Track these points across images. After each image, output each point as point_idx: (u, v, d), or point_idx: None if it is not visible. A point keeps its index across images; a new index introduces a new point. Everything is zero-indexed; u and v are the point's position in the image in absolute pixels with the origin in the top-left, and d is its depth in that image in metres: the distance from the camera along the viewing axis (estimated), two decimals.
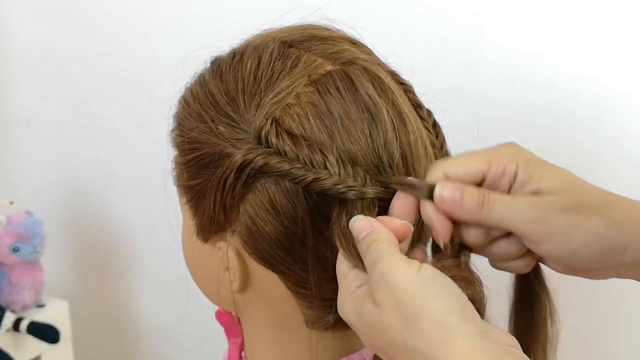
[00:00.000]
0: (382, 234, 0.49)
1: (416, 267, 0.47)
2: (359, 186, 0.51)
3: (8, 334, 1.30)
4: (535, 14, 0.92)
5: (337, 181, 0.50)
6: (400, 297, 0.45)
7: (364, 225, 0.50)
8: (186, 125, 0.57)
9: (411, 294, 0.45)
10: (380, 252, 0.48)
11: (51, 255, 1.43)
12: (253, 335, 0.62)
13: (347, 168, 0.51)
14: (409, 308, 0.45)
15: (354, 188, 0.51)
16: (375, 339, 0.48)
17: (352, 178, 0.51)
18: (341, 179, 0.51)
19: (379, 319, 0.46)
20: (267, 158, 0.51)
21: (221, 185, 0.53)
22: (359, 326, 0.49)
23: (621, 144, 0.89)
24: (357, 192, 0.51)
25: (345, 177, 0.51)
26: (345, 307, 0.50)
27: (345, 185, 0.51)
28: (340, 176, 0.51)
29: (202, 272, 0.62)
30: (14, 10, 1.50)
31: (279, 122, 0.52)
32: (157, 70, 0.95)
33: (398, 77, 0.58)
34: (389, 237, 0.49)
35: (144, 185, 1.39)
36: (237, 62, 0.56)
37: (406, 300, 0.45)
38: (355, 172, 0.51)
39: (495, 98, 0.96)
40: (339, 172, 0.51)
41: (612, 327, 0.95)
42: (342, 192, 0.51)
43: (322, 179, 0.50)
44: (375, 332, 0.47)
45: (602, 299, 0.95)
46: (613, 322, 0.95)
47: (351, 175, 0.51)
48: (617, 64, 0.88)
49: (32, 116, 1.56)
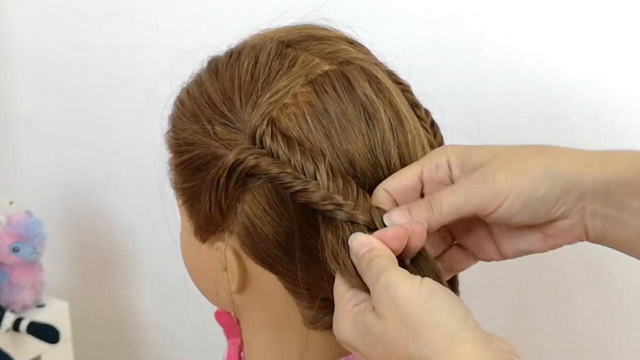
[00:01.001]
0: (383, 251, 0.49)
1: (418, 280, 0.47)
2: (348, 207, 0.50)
3: (8, 334, 1.30)
4: (535, 14, 0.91)
5: (325, 196, 0.50)
6: (404, 308, 0.46)
7: (365, 242, 0.50)
8: (179, 126, 0.57)
9: (415, 306, 0.46)
10: (383, 266, 0.48)
11: (51, 255, 1.43)
12: (252, 336, 0.62)
13: (337, 182, 0.51)
14: (414, 318, 0.45)
15: (342, 208, 0.50)
16: (375, 351, 0.48)
17: (342, 194, 0.50)
18: (329, 194, 0.50)
19: (382, 331, 0.46)
20: (259, 159, 0.51)
21: (214, 185, 0.53)
22: (357, 342, 0.49)
23: (621, 144, 0.89)
24: (345, 213, 0.50)
25: (334, 192, 0.50)
26: (342, 324, 0.50)
27: (331, 201, 0.50)
28: (329, 190, 0.50)
29: (200, 272, 0.62)
30: (15, 10, 1.51)
31: (275, 123, 0.52)
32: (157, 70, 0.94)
33: (395, 76, 0.58)
34: (390, 254, 0.49)
35: (143, 185, 1.39)
36: (234, 61, 0.56)
37: (411, 311, 0.45)
38: (345, 188, 0.51)
39: (494, 98, 0.96)
40: (328, 186, 0.50)
41: (612, 327, 0.95)
42: (329, 209, 0.50)
43: (309, 190, 0.50)
44: (375, 345, 0.47)
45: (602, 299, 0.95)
46: (613, 322, 0.95)
47: (340, 190, 0.51)
48: (617, 64, 0.88)
49: (32, 116, 1.56)
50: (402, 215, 0.51)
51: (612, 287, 0.94)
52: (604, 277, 0.94)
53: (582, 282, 0.95)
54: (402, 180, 0.52)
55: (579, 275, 0.95)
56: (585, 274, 0.94)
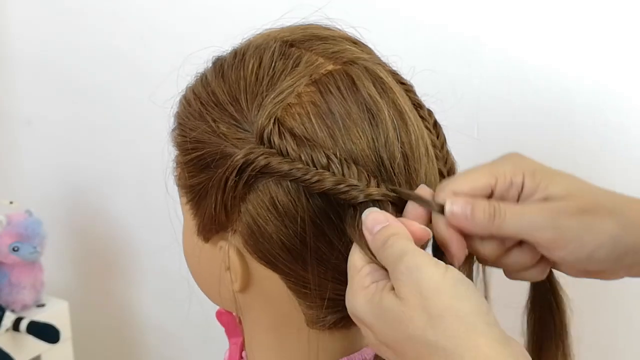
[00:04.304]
0: (400, 229, 0.49)
1: (443, 266, 0.47)
2: (362, 186, 0.51)
3: (8, 333, 1.30)
4: (535, 15, 0.92)
5: (339, 180, 0.50)
6: (427, 293, 0.45)
7: (379, 219, 0.49)
8: (187, 125, 0.57)
9: (440, 291, 0.45)
10: (405, 246, 0.47)
11: (51, 255, 1.43)
12: (254, 335, 0.62)
13: (350, 168, 0.51)
14: (436, 304, 0.45)
15: (357, 187, 0.50)
16: (388, 332, 0.47)
17: (356, 178, 0.51)
18: (343, 178, 0.50)
19: (400, 312, 0.46)
20: (269, 158, 0.51)
21: (222, 185, 0.53)
22: (370, 319, 0.48)
23: (621, 144, 0.89)
24: (360, 191, 0.50)
25: (348, 176, 0.51)
26: (356, 300, 0.49)
27: (346, 184, 0.50)
28: (344, 175, 0.50)
29: (203, 272, 0.62)
30: (15, 10, 1.51)
31: (281, 122, 0.52)
32: (158, 70, 0.95)
33: (399, 76, 0.58)
34: (407, 233, 0.49)
35: (144, 185, 1.39)
36: (239, 61, 0.56)
37: (434, 296, 0.45)
38: (359, 172, 0.51)
39: (496, 98, 0.96)
40: (343, 172, 0.51)
41: (612, 327, 0.95)
42: (344, 190, 0.50)
43: (324, 179, 0.50)
44: (390, 325, 0.47)
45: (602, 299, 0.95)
46: (613, 322, 0.95)
47: (355, 175, 0.51)
48: (617, 64, 0.88)
49: (32, 116, 1.56)
50: (463, 209, 0.50)
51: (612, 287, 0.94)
52: None
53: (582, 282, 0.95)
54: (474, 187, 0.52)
55: None
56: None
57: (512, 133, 0.95)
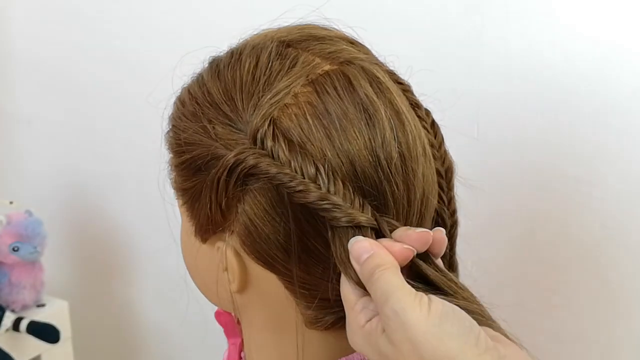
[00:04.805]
0: (385, 259, 0.49)
1: (426, 303, 0.47)
2: (346, 206, 0.50)
3: (8, 333, 1.30)
4: (534, 13, 0.91)
5: (322, 196, 0.50)
6: (416, 338, 0.46)
7: (365, 247, 0.49)
8: (179, 127, 0.57)
9: (426, 335, 0.45)
10: (389, 284, 0.47)
11: (51, 255, 1.43)
12: (252, 336, 0.62)
13: (337, 184, 0.51)
14: (426, 349, 0.45)
15: (340, 208, 0.50)
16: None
17: (341, 196, 0.50)
18: (326, 195, 0.50)
19: (396, 357, 0.47)
20: (259, 159, 0.51)
21: (215, 185, 0.53)
22: (372, 357, 0.49)
23: (621, 144, 0.89)
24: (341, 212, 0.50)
25: (333, 193, 0.50)
26: (357, 340, 0.50)
27: (329, 202, 0.50)
28: (329, 192, 0.50)
29: (201, 272, 0.62)
30: (15, 10, 1.51)
31: (277, 123, 0.52)
32: (157, 70, 0.95)
33: (396, 76, 0.58)
34: (393, 262, 0.49)
35: (144, 185, 1.39)
36: (235, 61, 0.56)
37: (422, 341, 0.45)
38: (345, 189, 0.51)
39: (495, 97, 0.96)
40: (328, 188, 0.50)
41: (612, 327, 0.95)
42: (326, 208, 0.50)
43: (308, 191, 0.50)
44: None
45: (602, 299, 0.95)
46: (613, 322, 0.95)
47: (340, 192, 0.50)
48: (618, 63, 0.88)
49: (32, 116, 1.56)
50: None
51: (612, 287, 0.94)
52: (603, 277, 0.94)
53: (582, 282, 0.95)
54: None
55: (578, 275, 0.95)
56: (585, 274, 0.95)
57: (512, 133, 0.95)
